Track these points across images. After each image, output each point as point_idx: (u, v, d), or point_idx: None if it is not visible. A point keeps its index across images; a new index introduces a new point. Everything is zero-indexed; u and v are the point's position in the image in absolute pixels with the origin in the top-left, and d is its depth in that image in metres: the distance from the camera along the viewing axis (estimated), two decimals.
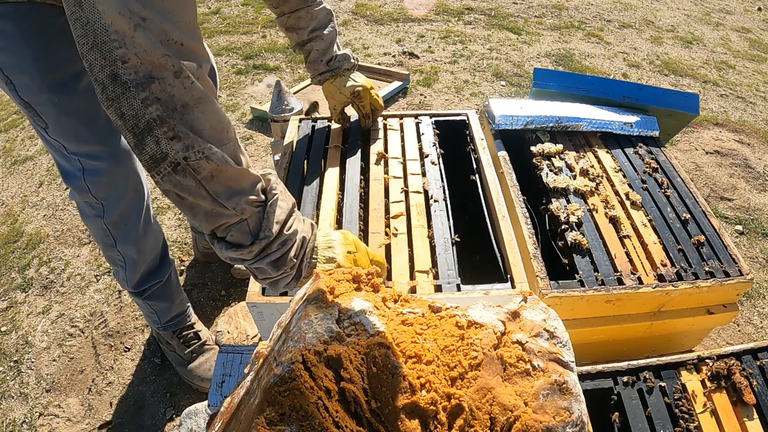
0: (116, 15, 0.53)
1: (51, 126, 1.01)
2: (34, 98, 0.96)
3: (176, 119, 0.58)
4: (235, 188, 0.65)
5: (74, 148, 1.06)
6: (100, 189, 1.13)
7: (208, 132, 0.61)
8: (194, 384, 1.48)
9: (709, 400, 0.89)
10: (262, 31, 3.57)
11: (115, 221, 1.20)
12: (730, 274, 1.12)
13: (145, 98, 0.56)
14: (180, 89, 0.57)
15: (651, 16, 4.02)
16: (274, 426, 0.53)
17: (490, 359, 0.62)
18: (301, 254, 0.73)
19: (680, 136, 2.57)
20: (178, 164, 0.60)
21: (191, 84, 0.58)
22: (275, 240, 0.70)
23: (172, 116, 0.58)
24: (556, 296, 1.06)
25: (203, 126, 0.61)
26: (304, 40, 1.19)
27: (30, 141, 2.57)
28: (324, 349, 0.59)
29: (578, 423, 0.58)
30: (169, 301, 1.44)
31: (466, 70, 3.10)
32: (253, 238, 0.69)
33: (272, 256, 0.70)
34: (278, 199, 0.70)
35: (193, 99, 0.59)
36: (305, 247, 0.74)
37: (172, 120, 0.58)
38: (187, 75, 0.58)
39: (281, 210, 0.70)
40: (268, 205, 0.69)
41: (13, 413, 1.45)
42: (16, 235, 2.03)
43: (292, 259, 0.72)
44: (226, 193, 0.64)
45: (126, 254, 1.27)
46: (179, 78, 0.57)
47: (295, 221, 0.73)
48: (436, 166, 1.24)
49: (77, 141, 1.05)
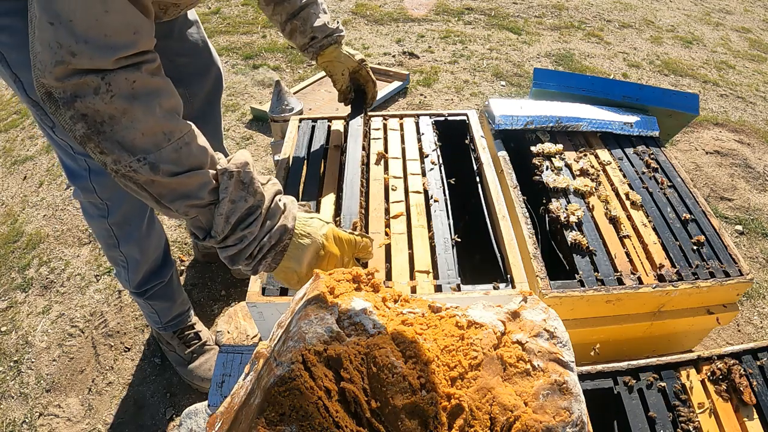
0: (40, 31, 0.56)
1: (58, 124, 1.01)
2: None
3: (102, 135, 0.60)
4: (179, 191, 0.66)
5: (81, 148, 1.05)
6: (105, 189, 1.13)
7: (139, 141, 0.61)
8: (194, 384, 1.48)
9: (709, 400, 0.89)
10: (262, 31, 3.57)
11: (118, 222, 1.20)
12: (730, 274, 1.12)
13: (72, 116, 0.58)
14: (101, 104, 0.58)
15: (651, 16, 4.02)
16: (274, 426, 0.53)
17: (490, 359, 0.62)
18: (258, 256, 0.73)
19: (680, 136, 2.57)
20: (116, 172, 0.63)
21: (111, 98, 0.59)
22: (228, 237, 0.70)
23: (98, 132, 0.59)
24: (556, 296, 1.06)
25: (133, 135, 0.61)
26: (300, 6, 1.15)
27: (30, 141, 2.57)
28: (324, 349, 0.59)
29: (578, 423, 0.58)
30: (171, 302, 1.44)
31: (466, 70, 3.10)
32: (205, 233, 0.71)
33: (228, 251, 0.71)
34: (228, 200, 0.69)
35: (118, 111, 0.59)
36: (264, 248, 0.72)
37: (97, 137, 0.60)
38: (106, 90, 0.58)
39: (233, 210, 0.69)
40: (216, 207, 0.69)
41: (13, 413, 1.45)
42: (16, 235, 2.03)
43: (249, 257, 0.72)
44: (169, 196, 0.65)
45: (128, 255, 1.27)
46: (98, 94, 0.58)
47: (257, 220, 0.71)
48: (436, 166, 1.24)
49: None
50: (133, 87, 0.60)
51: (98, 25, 0.56)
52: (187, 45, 1.25)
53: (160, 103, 0.63)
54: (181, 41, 1.23)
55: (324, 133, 1.34)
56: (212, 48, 1.33)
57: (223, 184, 0.69)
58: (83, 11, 0.55)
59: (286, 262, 0.75)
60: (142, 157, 0.62)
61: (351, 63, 1.23)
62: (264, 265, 0.74)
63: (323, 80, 2.85)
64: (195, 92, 1.32)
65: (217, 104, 1.43)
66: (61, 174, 2.32)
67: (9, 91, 2.99)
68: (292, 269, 0.75)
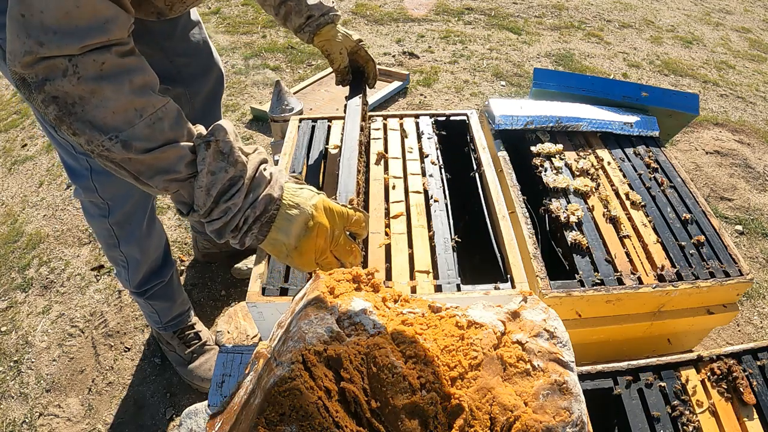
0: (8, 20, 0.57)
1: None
2: None
3: (73, 116, 0.60)
4: (157, 166, 0.65)
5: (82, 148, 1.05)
6: (107, 189, 1.13)
7: (110, 119, 0.61)
8: (194, 384, 1.48)
9: (709, 400, 0.89)
10: (262, 31, 3.57)
11: (119, 221, 1.20)
12: (730, 274, 1.12)
13: (43, 99, 0.59)
14: (69, 86, 0.59)
15: (651, 16, 4.02)
16: (274, 426, 0.53)
17: (490, 359, 0.62)
18: (244, 228, 0.71)
19: (680, 136, 2.57)
20: (92, 152, 0.63)
21: (78, 80, 0.59)
22: (212, 210, 0.69)
23: (69, 114, 0.60)
24: (556, 296, 1.06)
25: (104, 114, 0.61)
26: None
27: (30, 141, 2.57)
28: (324, 349, 0.59)
29: (578, 423, 0.58)
30: (171, 301, 1.44)
31: (466, 70, 3.10)
32: (189, 207, 0.70)
33: (214, 224, 0.70)
34: (206, 172, 0.67)
35: (87, 91, 0.60)
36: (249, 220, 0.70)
37: (68, 118, 0.60)
38: (73, 72, 0.59)
39: (213, 182, 0.67)
40: (195, 179, 0.68)
41: (13, 413, 1.45)
42: (16, 235, 2.03)
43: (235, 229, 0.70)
44: (148, 172, 0.65)
45: (129, 255, 1.27)
46: (66, 76, 0.58)
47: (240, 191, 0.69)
48: (436, 166, 1.24)
49: None
50: (101, 68, 0.60)
51: (68, 17, 0.57)
52: (189, 45, 1.25)
53: (131, 80, 0.63)
54: (183, 42, 1.23)
55: (324, 133, 1.34)
56: (214, 49, 1.33)
57: (200, 155, 0.67)
58: (55, 3, 0.56)
59: (273, 234, 0.73)
60: (114, 135, 0.61)
61: (349, 42, 1.19)
62: (250, 237, 0.72)
63: (323, 80, 2.85)
64: (196, 92, 1.32)
65: (217, 105, 1.43)
66: (61, 174, 2.32)
67: (9, 90, 2.99)
68: (280, 241, 0.73)
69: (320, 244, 0.75)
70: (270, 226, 0.72)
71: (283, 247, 0.73)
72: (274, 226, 0.72)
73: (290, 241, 0.73)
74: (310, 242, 0.74)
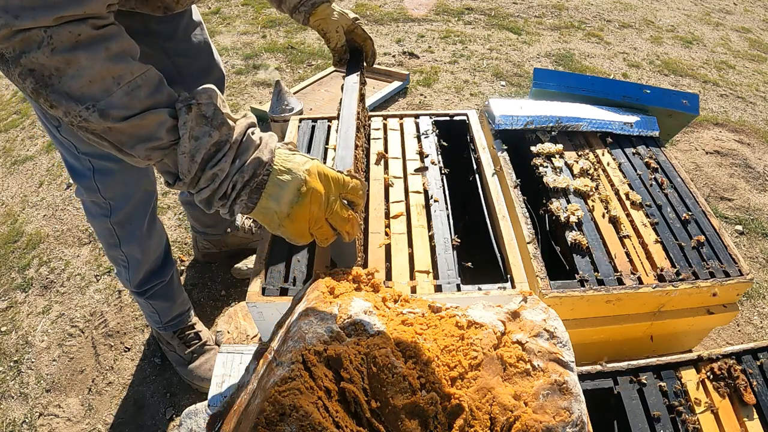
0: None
1: (64, 124, 1.00)
2: None
3: (50, 88, 0.59)
4: (137, 134, 0.63)
5: (86, 149, 1.05)
6: (109, 189, 1.13)
7: (87, 89, 0.60)
8: (194, 384, 1.48)
9: (709, 400, 0.90)
10: (262, 31, 3.57)
11: (121, 221, 1.20)
12: (730, 274, 1.13)
13: (20, 72, 0.58)
14: (44, 58, 0.58)
15: (651, 16, 4.02)
16: (274, 426, 0.53)
17: (490, 359, 0.62)
18: (232, 195, 0.67)
19: (680, 136, 2.57)
20: (71, 124, 0.62)
21: (52, 51, 0.58)
22: (200, 179, 0.66)
23: (46, 86, 0.59)
24: (556, 296, 1.06)
25: (80, 84, 0.60)
26: None
27: (30, 141, 2.57)
28: (324, 349, 0.59)
29: (578, 423, 0.58)
30: (171, 301, 1.44)
31: (466, 70, 3.10)
32: (175, 177, 0.67)
33: (202, 193, 0.67)
34: (188, 137, 0.64)
35: (62, 62, 0.59)
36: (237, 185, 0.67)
37: (45, 90, 0.59)
38: (47, 43, 0.58)
39: (197, 148, 0.64)
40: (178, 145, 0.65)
41: (13, 413, 1.45)
42: (16, 235, 2.03)
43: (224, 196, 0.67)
44: (129, 142, 0.63)
45: (129, 254, 1.27)
46: (41, 48, 0.58)
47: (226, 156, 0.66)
48: (436, 166, 1.24)
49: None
50: (77, 39, 0.59)
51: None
52: (190, 46, 1.25)
53: (107, 47, 0.61)
54: (185, 42, 1.23)
55: (324, 134, 1.34)
56: (215, 49, 1.33)
57: (182, 120, 0.64)
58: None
59: (264, 202, 0.69)
60: (90, 105, 0.60)
61: (345, 21, 1.16)
62: (240, 204, 0.68)
63: (323, 80, 2.85)
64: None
65: None
66: (61, 174, 2.32)
67: (9, 90, 2.99)
68: (271, 209, 0.69)
69: (314, 212, 0.71)
70: (260, 193, 0.68)
71: (274, 216, 0.69)
72: (264, 192, 0.68)
73: (282, 209, 0.69)
74: (303, 209, 0.69)
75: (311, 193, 0.69)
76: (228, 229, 1.76)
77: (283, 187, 0.68)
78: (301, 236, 0.72)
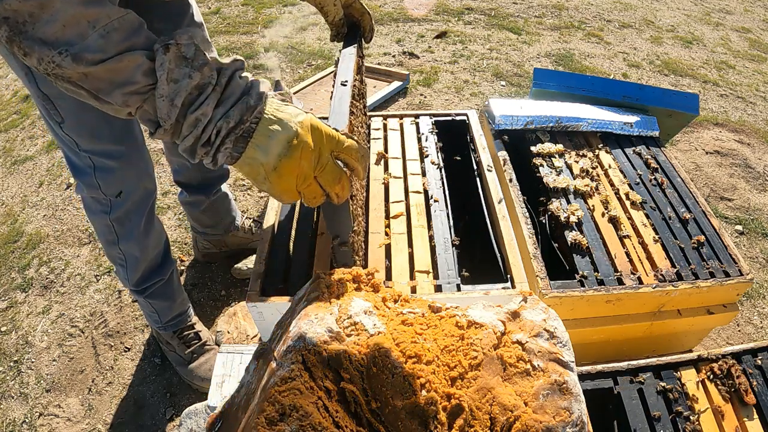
0: None
1: (67, 121, 1.00)
2: (54, 90, 0.95)
3: (23, 35, 0.57)
4: (114, 79, 0.60)
5: (87, 146, 1.05)
6: (109, 186, 1.13)
7: (61, 33, 0.58)
8: (194, 384, 1.48)
9: (709, 400, 0.90)
10: (262, 31, 3.57)
11: (120, 217, 1.20)
12: (730, 274, 1.13)
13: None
14: (17, 3, 0.56)
15: (651, 16, 4.02)
16: (274, 426, 0.53)
17: (490, 359, 0.62)
18: (216, 141, 0.63)
19: (680, 136, 2.57)
20: (47, 74, 0.59)
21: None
22: (182, 125, 0.62)
23: (20, 33, 0.57)
24: (556, 296, 1.06)
25: (54, 29, 0.58)
26: None
27: (30, 141, 2.57)
28: (324, 349, 0.59)
29: (578, 423, 0.58)
30: (171, 301, 1.44)
31: (466, 70, 3.10)
32: (155, 125, 0.64)
33: (186, 141, 0.63)
34: (166, 79, 0.60)
35: (36, 6, 0.57)
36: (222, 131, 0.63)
37: (18, 38, 0.58)
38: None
39: (177, 91, 0.61)
40: (155, 89, 0.61)
41: (13, 413, 1.45)
42: (16, 235, 2.03)
43: (207, 143, 0.64)
44: (106, 88, 0.61)
45: (128, 252, 1.28)
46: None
47: (209, 99, 0.62)
48: (436, 166, 1.24)
49: (92, 138, 1.04)
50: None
51: None
52: None
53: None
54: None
55: None
56: (214, 50, 1.34)
57: (159, 60, 0.60)
58: None
59: (250, 151, 0.64)
60: (63, 49, 0.58)
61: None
62: (224, 153, 0.64)
63: (323, 80, 2.84)
64: None
65: None
66: (61, 174, 2.32)
67: (9, 90, 2.99)
68: (257, 161, 0.64)
69: (304, 167, 0.66)
70: (246, 142, 0.64)
71: (260, 168, 0.65)
72: (251, 142, 0.64)
73: (269, 161, 0.64)
74: (292, 163, 0.65)
75: (302, 147, 0.65)
76: (230, 229, 1.77)
77: (272, 138, 0.64)
78: (287, 193, 0.68)
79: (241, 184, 2.23)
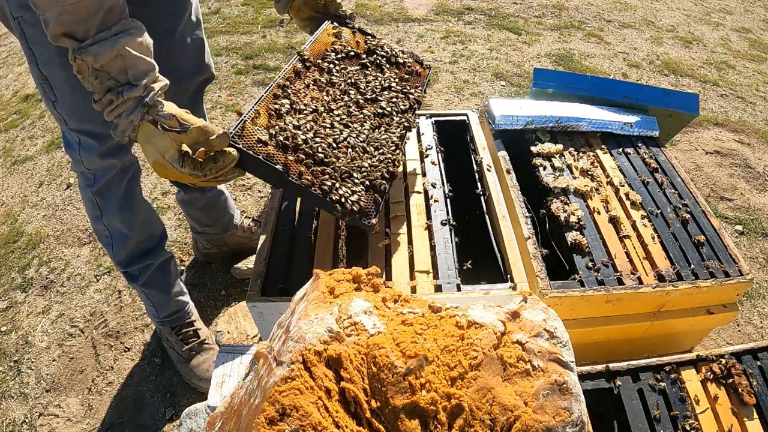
0: None
1: (59, 100, 1.09)
2: (52, 72, 1.04)
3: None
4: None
5: (75, 125, 1.13)
6: (92, 162, 1.20)
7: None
8: (193, 383, 1.48)
9: (709, 400, 0.89)
10: (262, 31, 3.57)
11: (101, 190, 1.26)
12: (730, 274, 1.12)
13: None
14: None
15: (651, 16, 4.02)
16: (274, 426, 0.53)
17: (490, 359, 0.62)
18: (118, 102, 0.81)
19: (680, 136, 2.57)
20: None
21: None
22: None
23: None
24: (556, 296, 1.06)
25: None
26: None
27: (30, 141, 2.57)
28: (324, 349, 0.59)
29: (578, 423, 0.58)
30: (167, 294, 1.45)
31: (466, 70, 3.10)
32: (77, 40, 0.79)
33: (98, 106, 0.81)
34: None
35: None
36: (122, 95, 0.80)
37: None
38: None
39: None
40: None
41: (13, 413, 1.45)
42: (16, 235, 2.03)
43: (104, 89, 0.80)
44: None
45: (111, 226, 1.31)
46: None
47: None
48: (436, 166, 1.24)
49: (79, 118, 1.12)
50: None
51: None
52: (187, 46, 1.27)
53: None
54: (182, 42, 1.25)
55: None
56: (208, 51, 1.36)
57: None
58: None
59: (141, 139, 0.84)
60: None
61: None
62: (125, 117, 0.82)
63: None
64: (184, 90, 1.35)
65: (200, 101, 1.45)
66: (61, 174, 2.32)
67: (9, 90, 2.99)
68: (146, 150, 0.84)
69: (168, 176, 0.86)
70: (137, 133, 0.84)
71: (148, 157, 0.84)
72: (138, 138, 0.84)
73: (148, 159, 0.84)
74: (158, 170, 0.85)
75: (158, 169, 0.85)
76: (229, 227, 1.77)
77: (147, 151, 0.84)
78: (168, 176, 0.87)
79: (241, 184, 2.23)
